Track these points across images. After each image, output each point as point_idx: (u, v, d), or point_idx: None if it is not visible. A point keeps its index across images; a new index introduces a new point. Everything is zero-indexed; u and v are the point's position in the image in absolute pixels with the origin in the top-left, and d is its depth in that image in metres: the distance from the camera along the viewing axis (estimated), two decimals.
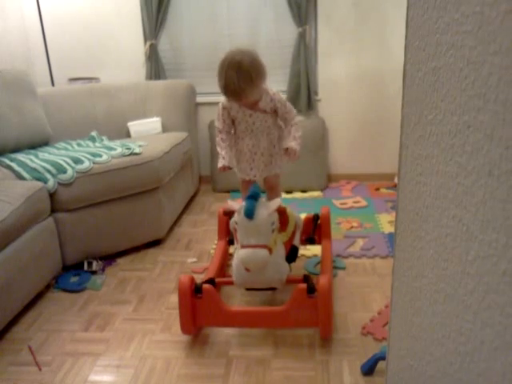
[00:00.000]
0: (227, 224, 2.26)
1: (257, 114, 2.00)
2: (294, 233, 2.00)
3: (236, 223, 1.74)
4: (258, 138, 2.05)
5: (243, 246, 1.70)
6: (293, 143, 1.97)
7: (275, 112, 2.04)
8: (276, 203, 1.76)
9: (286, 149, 1.98)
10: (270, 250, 1.70)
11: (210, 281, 1.84)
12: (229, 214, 1.92)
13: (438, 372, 0.71)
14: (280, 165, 2.16)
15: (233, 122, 2.07)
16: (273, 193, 2.22)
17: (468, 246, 0.58)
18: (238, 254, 1.74)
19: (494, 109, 0.49)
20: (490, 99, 0.50)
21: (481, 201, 0.54)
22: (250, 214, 1.66)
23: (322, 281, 1.67)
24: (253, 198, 1.71)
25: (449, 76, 0.59)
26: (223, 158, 2.02)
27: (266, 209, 1.72)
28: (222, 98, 2.03)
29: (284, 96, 2.04)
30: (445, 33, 0.59)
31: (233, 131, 2.11)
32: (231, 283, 1.87)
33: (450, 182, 0.61)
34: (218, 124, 2.06)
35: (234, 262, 1.81)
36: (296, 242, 2.02)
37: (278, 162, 2.15)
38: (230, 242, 2.22)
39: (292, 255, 1.95)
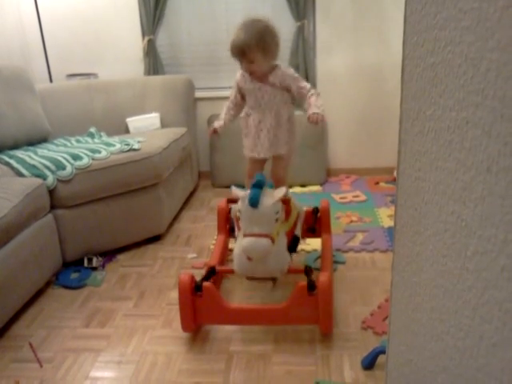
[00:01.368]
0: (227, 218, 2.26)
1: (266, 87, 1.98)
2: (295, 223, 1.99)
3: (239, 211, 1.71)
4: (265, 113, 2.03)
5: (246, 235, 1.67)
6: (315, 109, 1.93)
7: (286, 90, 2.02)
8: (281, 192, 1.72)
9: (309, 117, 1.94)
10: (273, 240, 1.67)
11: (211, 270, 1.85)
12: (233, 201, 1.91)
13: (437, 367, 0.71)
14: (286, 147, 2.12)
15: (243, 97, 2.09)
16: (278, 184, 2.21)
17: (467, 241, 0.58)
18: (241, 242, 1.72)
19: (492, 105, 0.49)
20: (488, 95, 0.50)
21: (479, 197, 0.54)
22: (254, 202, 1.63)
23: (322, 278, 1.66)
24: (258, 186, 1.68)
25: (447, 72, 0.59)
26: (221, 119, 2.07)
27: (271, 198, 1.69)
28: (234, 77, 2.07)
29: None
30: (443, 28, 0.59)
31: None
32: (232, 272, 1.87)
33: (449, 178, 0.61)
34: (230, 95, 2.13)
35: (236, 250, 1.80)
36: (297, 231, 2.00)
37: (283, 143, 2.10)
38: (231, 230, 2.21)
39: (293, 245, 1.94)
